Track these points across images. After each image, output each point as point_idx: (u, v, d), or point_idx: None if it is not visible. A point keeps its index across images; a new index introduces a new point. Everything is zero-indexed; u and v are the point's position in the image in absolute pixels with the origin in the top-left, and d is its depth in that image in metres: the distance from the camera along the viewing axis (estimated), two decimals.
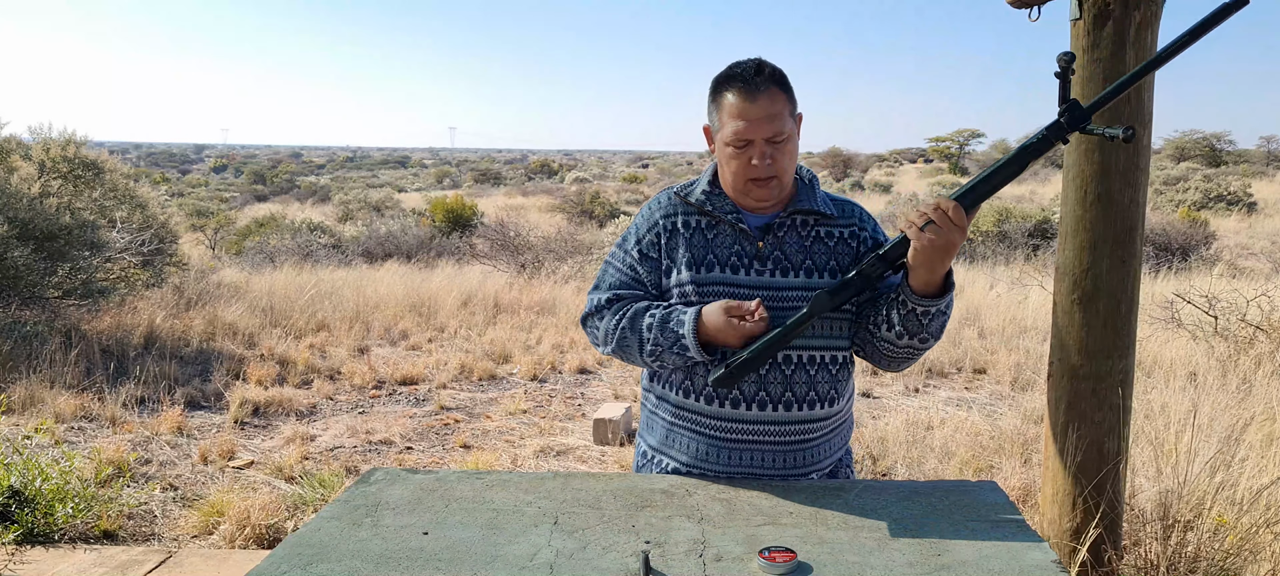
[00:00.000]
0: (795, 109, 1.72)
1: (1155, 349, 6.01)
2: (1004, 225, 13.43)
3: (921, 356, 1.73)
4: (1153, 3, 2.27)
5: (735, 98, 1.68)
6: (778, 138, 1.67)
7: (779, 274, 1.73)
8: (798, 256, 1.74)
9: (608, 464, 4.67)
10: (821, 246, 1.75)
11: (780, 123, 1.67)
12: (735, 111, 1.68)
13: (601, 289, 1.84)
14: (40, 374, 5.61)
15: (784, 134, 1.68)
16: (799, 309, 1.68)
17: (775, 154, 1.68)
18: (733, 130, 1.68)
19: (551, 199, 23.97)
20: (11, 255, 6.36)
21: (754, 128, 1.67)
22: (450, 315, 8.35)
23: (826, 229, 1.77)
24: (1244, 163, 36.32)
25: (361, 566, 1.40)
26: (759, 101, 1.66)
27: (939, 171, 37.79)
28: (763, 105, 1.66)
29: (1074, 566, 2.38)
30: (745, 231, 1.75)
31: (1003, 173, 1.54)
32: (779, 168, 1.69)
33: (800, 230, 1.76)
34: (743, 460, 1.76)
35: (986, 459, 4.26)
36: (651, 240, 1.80)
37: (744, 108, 1.67)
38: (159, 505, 3.96)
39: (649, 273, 1.80)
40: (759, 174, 1.69)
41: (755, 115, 1.66)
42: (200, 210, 19.66)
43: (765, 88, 1.67)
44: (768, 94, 1.66)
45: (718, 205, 1.77)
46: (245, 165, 60.65)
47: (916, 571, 1.37)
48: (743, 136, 1.67)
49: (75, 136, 7.80)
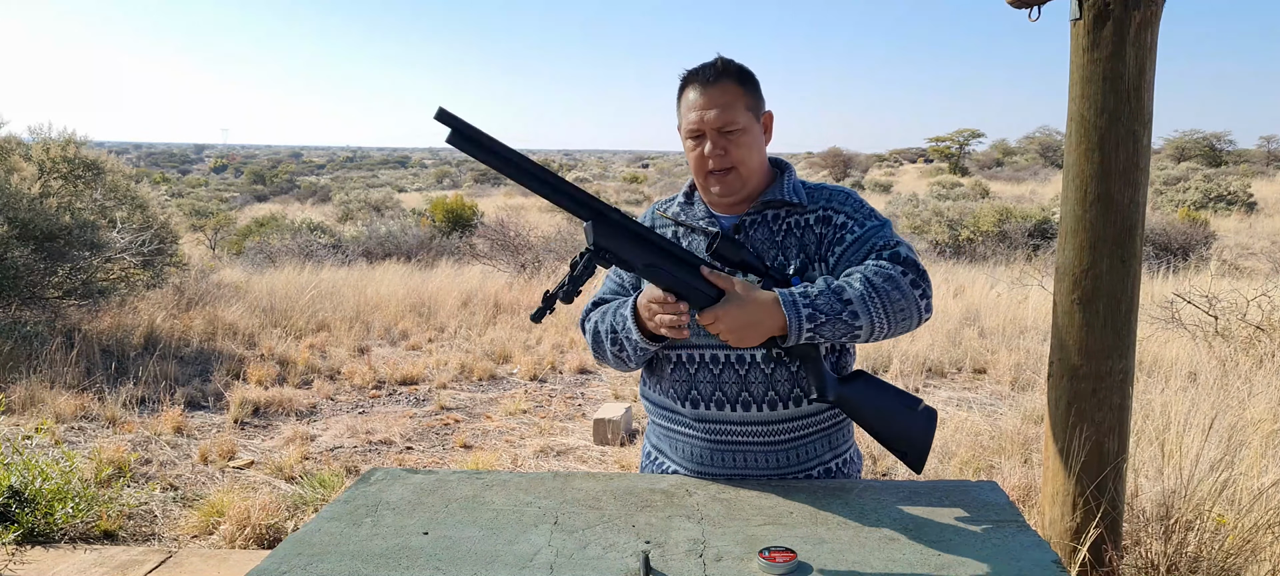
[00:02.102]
0: (756, 104, 1.73)
1: (1155, 349, 6.01)
2: (1004, 225, 13.44)
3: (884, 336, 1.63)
4: (1153, 3, 2.27)
5: (691, 92, 1.72)
6: (729, 127, 1.69)
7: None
8: (770, 251, 1.73)
9: (608, 464, 4.67)
10: (792, 237, 1.74)
11: (732, 113, 1.69)
12: (690, 104, 1.71)
13: (597, 297, 1.89)
14: (40, 374, 5.61)
15: (737, 124, 1.69)
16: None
17: (728, 145, 1.69)
18: (687, 123, 1.72)
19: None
20: (12, 255, 6.36)
21: (705, 119, 1.69)
22: (450, 315, 8.35)
23: (797, 218, 1.74)
24: (1244, 162, 36.30)
25: (361, 566, 1.40)
26: (710, 93, 1.69)
27: (939, 171, 37.77)
28: (713, 96, 1.69)
29: (1074, 566, 2.38)
30: (716, 233, 1.74)
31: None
32: (734, 159, 1.70)
33: (771, 224, 1.75)
34: (739, 462, 1.77)
35: (986, 459, 4.26)
36: None
37: (696, 99, 1.70)
38: (159, 505, 3.96)
39: (634, 278, 1.84)
40: (713, 165, 1.71)
41: (705, 105, 1.69)
42: (200, 210, 19.66)
43: (718, 80, 1.69)
44: (719, 86, 1.69)
45: (690, 214, 1.81)
46: (245, 165, 60.65)
47: (916, 571, 1.37)
48: (695, 128, 1.71)
49: (75, 137, 7.79)
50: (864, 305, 1.56)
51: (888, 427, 1.64)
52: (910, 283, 1.60)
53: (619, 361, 1.78)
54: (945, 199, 19.59)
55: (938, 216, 14.48)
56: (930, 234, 14.06)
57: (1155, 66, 2.33)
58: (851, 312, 1.56)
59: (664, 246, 1.59)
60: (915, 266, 1.64)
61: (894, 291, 1.58)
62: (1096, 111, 2.32)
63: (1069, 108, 2.40)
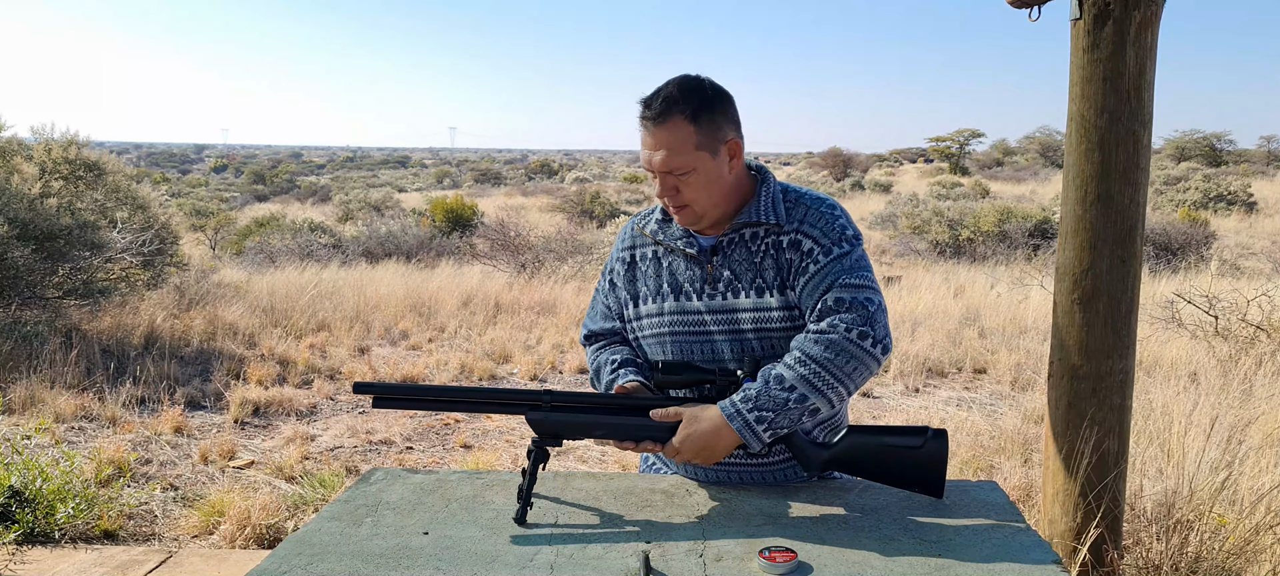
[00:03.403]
0: (711, 137, 1.62)
1: (1155, 349, 6.01)
2: (1004, 225, 13.43)
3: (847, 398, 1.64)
4: (1153, 3, 2.27)
5: (641, 127, 1.65)
6: (678, 171, 1.62)
7: (731, 295, 1.69)
8: (748, 274, 1.68)
9: (608, 464, 4.67)
10: (769, 259, 1.67)
11: (680, 157, 1.61)
12: (641, 140, 1.65)
13: (591, 317, 1.89)
14: (40, 374, 5.61)
15: (686, 167, 1.61)
16: (755, 329, 1.67)
17: (679, 184, 1.63)
18: (642, 158, 1.67)
19: (551, 199, 23.96)
20: (12, 255, 6.36)
21: (652, 161, 1.64)
22: (450, 315, 8.35)
23: (774, 238, 1.68)
24: (1244, 162, 36.28)
25: (361, 566, 1.40)
26: (655, 134, 1.62)
27: (939, 171, 37.75)
28: (659, 138, 1.62)
29: (1075, 566, 2.38)
30: (695, 255, 1.72)
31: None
32: (686, 198, 1.65)
33: (749, 244, 1.69)
34: (735, 462, 1.77)
35: (987, 459, 4.26)
36: (619, 271, 1.83)
37: (644, 137, 1.64)
38: (159, 505, 3.96)
39: (615, 303, 1.84)
40: (668, 203, 1.68)
41: (653, 147, 1.63)
42: (200, 210, 19.65)
43: (662, 120, 1.61)
44: (664, 126, 1.61)
45: (668, 233, 1.76)
46: (245, 165, 60.64)
47: (916, 571, 1.37)
48: (645, 165, 1.66)
49: (76, 137, 7.79)
50: (809, 384, 1.54)
51: (893, 473, 1.62)
52: (857, 336, 1.56)
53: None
54: (945, 199, 19.58)
55: (938, 216, 14.48)
56: (930, 234, 14.06)
57: (1155, 66, 2.33)
58: (799, 397, 1.54)
59: (607, 403, 1.64)
60: (862, 309, 1.58)
61: (836, 357, 1.55)
62: (1096, 111, 2.32)
63: (1069, 108, 2.40)
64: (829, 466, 1.63)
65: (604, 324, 1.86)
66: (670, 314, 1.73)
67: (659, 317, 1.74)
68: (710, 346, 1.71)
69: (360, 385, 1.61)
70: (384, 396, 1.61)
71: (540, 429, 1.60)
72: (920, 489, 1.63)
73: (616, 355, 1.78)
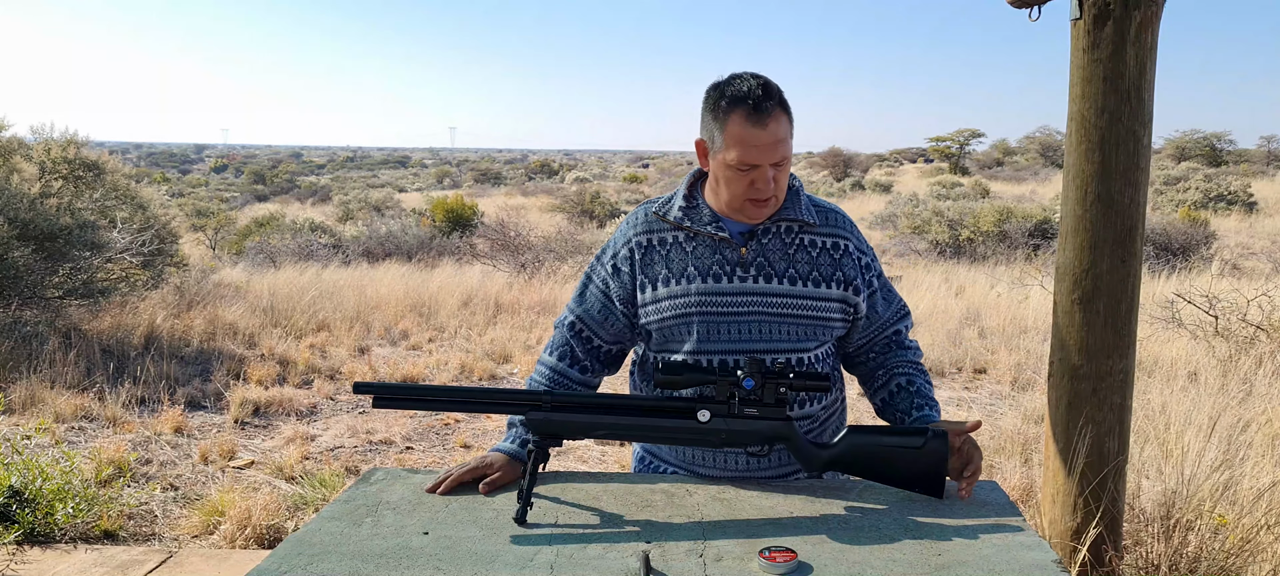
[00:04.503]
0: (793, 125, 1.73)
1: (1155, 349, 6.01)
2: (1005, 225, 13.44)
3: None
4: (1153, 3, 2.27)
5: (742, 123, 1.64)
6: (783, 162, 1.69)
7: (763, 279, 1.74)
8: (781, 263, 1.75)
9: (608, 464, 4.67)
10: (805, 254, 1.76)
11: (786, 147, 1.68)
12: (742, 137, 1.64)
13: (574, 304, 1.89)
14: (40, 374, 5.61)
15: (786, 157, 1.69)
16: (784, 314, 1.73)
17: (778, 176, 1.69)
18: (738, 155, 1.65)
19: (551, 199, 23.96)
20: (12, 255, 6.35)
21: (762, 153, 1.65)
22: (450, 315, 8.35)
23: (810, 237, 1.77)
24: (1244, 162, 36.29)
25: (361, 566, 1.40)
26: (768, 127, 1.64)
27: (939, 171, 37.74)
28: (771, 131, 1.64)
29: (1074, 566, 2.38)
30: (727, 239, 1.75)
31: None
32: (780, 188, 1.71)
33: (784, 237, 1.76)
34: (734, 464, 1.78)
35: (986, 459, 4.26)
36: (625, 255, 1.82)
37: (753, 133, 1.64)
38: (159, 505, 3.96)
39: (619, 288, 1.82)
40: (762, 195, 1.70)
41: (764, 141, 1.64)
42: (200, 210, 19.66)
43: (772, 112, 1.65)
44: (774, 118, 1.65)
45: (695, 218, 1.78)
46: (245, 165, 60.65)
47: (916, 571, 1.37)
48: (749, 161, 1.65)
49: (76, 137, 7.79)
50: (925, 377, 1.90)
51: (893, 474, 1.64)
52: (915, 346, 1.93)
53: None
54: (945, 199, 19.58)
55: (938, 216, 14.48)
56: (930, 234, 14.06)
57: (1155, 66, 2.33)
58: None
59: (608, 403, 1.66)
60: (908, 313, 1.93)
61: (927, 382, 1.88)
62: (1096, 111, 2.32)
63: (1069, 108, 2.40)
64: (829, 466, 1.65)
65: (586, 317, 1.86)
66: (697, 294, 1.74)
67: (684, 299, 1.75)
68: (737, 327, 1.74)
69: (360, 385, 1.62)
70: (384, 396, 1.63)
71: (540, 429, 1.61)
72: (920, 489, 1.64)
73: (543, 382, 1.86)
